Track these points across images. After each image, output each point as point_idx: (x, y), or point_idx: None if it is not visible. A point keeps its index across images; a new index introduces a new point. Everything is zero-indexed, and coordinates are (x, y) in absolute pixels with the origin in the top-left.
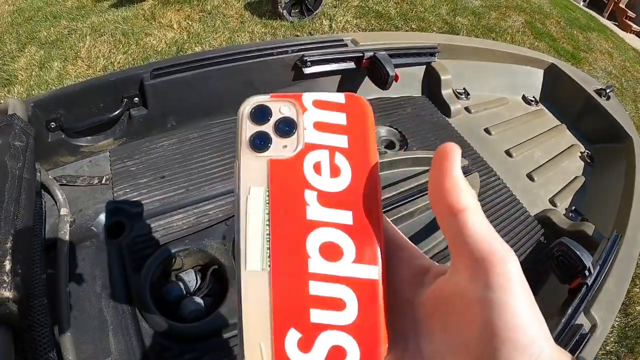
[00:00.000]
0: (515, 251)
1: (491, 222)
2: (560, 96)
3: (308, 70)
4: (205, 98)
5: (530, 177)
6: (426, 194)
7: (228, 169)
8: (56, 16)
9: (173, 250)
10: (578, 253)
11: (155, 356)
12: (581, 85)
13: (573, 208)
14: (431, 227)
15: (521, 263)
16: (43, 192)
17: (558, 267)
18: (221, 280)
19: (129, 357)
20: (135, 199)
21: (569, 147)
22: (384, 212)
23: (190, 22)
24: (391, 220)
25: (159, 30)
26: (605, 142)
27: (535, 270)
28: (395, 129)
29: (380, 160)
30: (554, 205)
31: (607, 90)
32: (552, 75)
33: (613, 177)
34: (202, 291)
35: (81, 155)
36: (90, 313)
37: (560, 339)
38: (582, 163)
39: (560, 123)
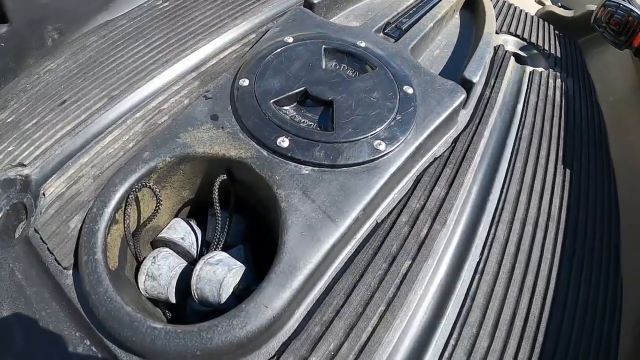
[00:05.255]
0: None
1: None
2: None
3: None
4: None
5: None
6: None
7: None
8: None
9: (125, 187)
10: (629, 6)
11: None
12: None
13: (559, 4)
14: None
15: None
16: None
17: (611, 33)
18: (247, 198)
19: None
20: (28, 153)
21: None
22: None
23: None
24: (422, 36)
25: None
26: None
27: (576, 63)
28: None
29: None
30: (542, 4)
31: None
32: None
33: None
34: (217, 243)
35: None
36: None
37: None
38: None
39: None
